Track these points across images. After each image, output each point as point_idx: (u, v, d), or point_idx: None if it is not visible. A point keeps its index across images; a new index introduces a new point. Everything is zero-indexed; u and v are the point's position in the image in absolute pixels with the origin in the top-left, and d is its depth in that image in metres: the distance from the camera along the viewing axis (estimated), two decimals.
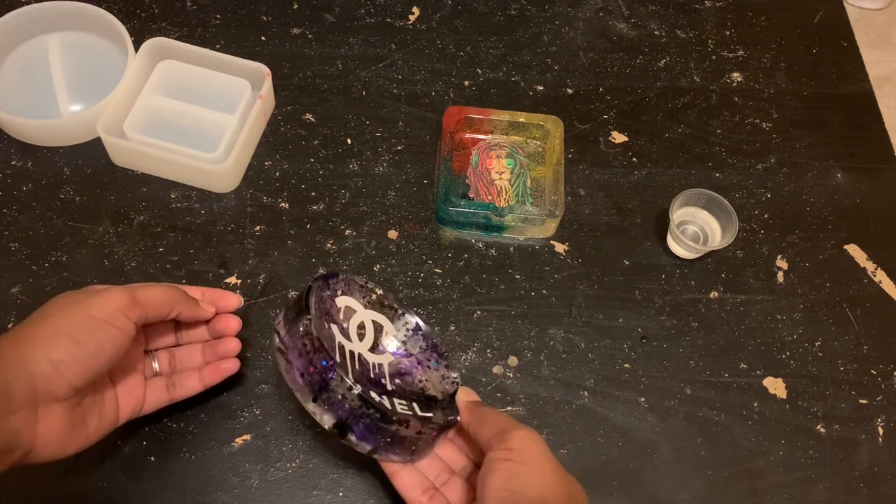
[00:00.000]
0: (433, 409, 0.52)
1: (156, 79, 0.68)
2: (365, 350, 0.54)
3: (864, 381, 0.64)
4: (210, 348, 0.55)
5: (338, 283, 0.54)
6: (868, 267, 0.69)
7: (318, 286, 0.52)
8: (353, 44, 0.77)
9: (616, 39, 0.80)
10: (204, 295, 0.54)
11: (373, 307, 0.56)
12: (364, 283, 0.56)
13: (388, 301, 0.57)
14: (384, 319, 0.56)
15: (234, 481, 0.56)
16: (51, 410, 0.44)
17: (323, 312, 0.52)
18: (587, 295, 0.66)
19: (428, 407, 0.52)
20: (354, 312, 0.55)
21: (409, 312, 0.57)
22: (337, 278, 0.54)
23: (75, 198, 0.66)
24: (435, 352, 0.56)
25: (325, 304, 0.53)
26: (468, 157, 0.70)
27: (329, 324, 0.53)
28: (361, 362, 0.53)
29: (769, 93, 0.78)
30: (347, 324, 0.54)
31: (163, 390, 0.53)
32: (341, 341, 0.53)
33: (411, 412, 0.50)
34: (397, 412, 0.48)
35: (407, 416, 0.48)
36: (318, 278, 0.52)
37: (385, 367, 0.54)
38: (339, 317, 0.54)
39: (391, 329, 0.56)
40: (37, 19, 0.71)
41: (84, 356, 0.44)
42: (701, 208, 0.69)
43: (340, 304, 0.54)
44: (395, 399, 0.51)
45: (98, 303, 0.46)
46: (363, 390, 0.47)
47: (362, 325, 0.55)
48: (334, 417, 0.47)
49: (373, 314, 0.56)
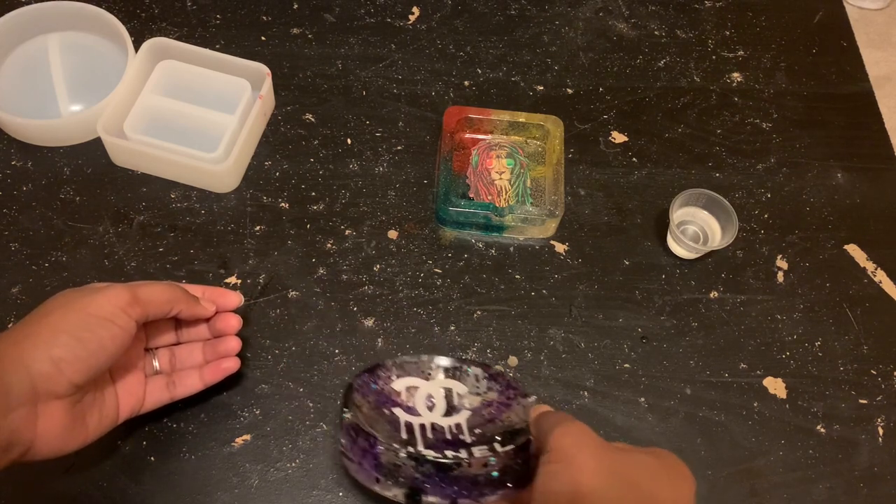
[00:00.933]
0: (518, 439, 0.50)
1: (156, 79, 0.68)
2: (438, 417, 0.54)
3: (864, 381, 0.64)
4: (210, 347, 0.55)
5: (389, 370, 0.56)
6: (868, 267, 0.69)
7: (362, 382, 0.54)
8: (353, 44, 0.77)
9: (616, 39, 0.80)
10: (204, 293, 0.54)
11: (436, 377, 0.57)
12: (418, 360, 0.57)
13: (448, 365, 0.57)
14: (452, 383, 0.57)
15: (234, 481, 0.56)
16: (51, 408, 0.44)
17: (379, 403, 0.54)
18: (587, 295, 0.66)
19: (513, 439, 0.50)
20: (418, 388, 0.56)
21: (471, 365, 0.57)
22: (385, 367, 0.56)
23: (75, 198, 0.66)
24: (509, 387, 0.56)
25: (381, 395, 0.54)
26: (468, 157, 0.70)
27: (390, 409, 0.54)
28: (435, 429, 0.53)
29: (769, 93, 0.78)
30: (413, 401, 0.55)
31: (163, 389, 0.53)
32: (408, 420, 0.53)
33: (490, 451, 0.49)
34: (474, 456, 0.48)
35: (482, 457, 0.47)
36: (358, 375, 0.54)
37: (463, 424, 0.54)
38: (402, 398, 0.55)
39: (461, 388, 0.56)
40: (37, 19, 0.71)
41: (84, 354, 0.44)
42: (701, 208, 0.69)
43: (399, 387, 0.56)
44: (475, 448, 0.51)
45: (98, 300, 0.46)
46: (413, 451, 0.48)
47: (430, 397, 0.56)
48: (402, 487, 0.47)
49: (438, 383, 0.56)
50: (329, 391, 0.60)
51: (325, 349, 0.61)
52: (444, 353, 0.56)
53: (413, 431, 0.53)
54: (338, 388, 0.60)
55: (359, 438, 0.49)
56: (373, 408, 0.53)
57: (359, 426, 0.49)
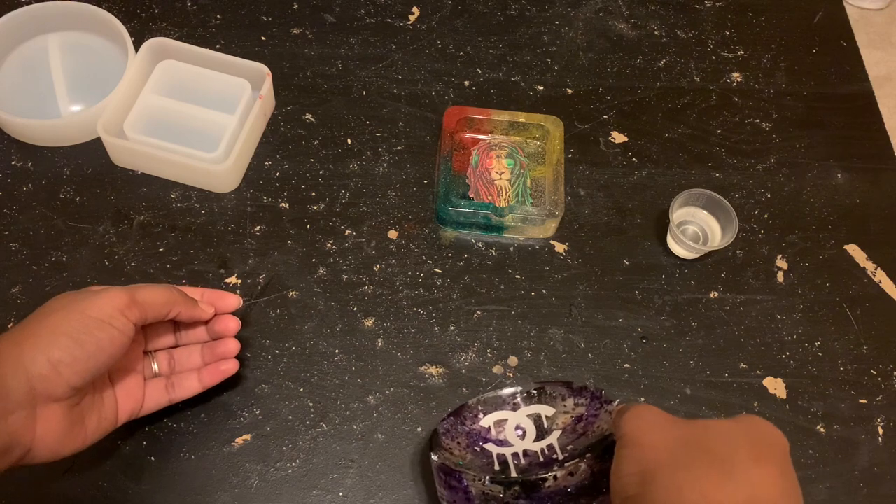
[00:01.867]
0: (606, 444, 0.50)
1: (156, 79, 0.68)
2: (530, 443, 0.55)
3: (864, 381, 0.64)
4: (209, 349, 0.55)
5: (475, 410, 0.57)
6: (868, 267, 0.69)
7: (448, 426, 0.55)
8: (353, 44, 0.77)
9: (616, 39, 0.80)
10: (203, 296, 0.54)
11: (521, 406, 0.57)
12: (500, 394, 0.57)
13: (532, 391, 0.57)
14: (538, 408, 0.57)
15: (234, 481, 0.56)
16: (49, 410, 0.44)
17: (471, 442, 0.55)
18: (587, 295, 0.66)
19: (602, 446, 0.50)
20: (506, 420, 0.56)
21: (553, 386, 0.57)
22: (469, 407, 0.57)
23: (75, 198, 0.66)
24: (594, 398, 0.55)
25: (471, 435, 0.55)
26: (468, 157, 0.70)
27: (481, 446, 0.55)
28: (527, 455, 0.54)
29: (769, 93, 0.78)
30: (503, 433, 0.56)
31: (162, 391, 0.53)
32: (500, 452, 0.54)
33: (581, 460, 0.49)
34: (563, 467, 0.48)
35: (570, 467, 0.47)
36: (443, 420, 0.55)
37: (555, 444, 0.55)
38: (492, 434, 0.56)
39: (549, 410, 0.57)
40: (37, 19, 0.71)
41: (83, 356, 0.44)
42: (701, 208, 0.69)
43: (487, 423, 0.56)
44: (567, 464, 0.50)
45: (97, 303, 0.46)
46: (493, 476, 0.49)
47: (519, 426, 0.56)
48: None
49: (525, 411, 0.57)
50: (329, 391, 0.60)
51: (325, 349, 0.61)
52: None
53: (506, 462, 0.54)
54: (338, 388, 0.60)
55: (448, 478, 0.50)
56: (464, 448, 0.54)
57: (446, 466, 0.50)
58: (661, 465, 0.40)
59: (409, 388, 0.60)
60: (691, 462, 0.39)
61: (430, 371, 0.61)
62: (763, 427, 0.41)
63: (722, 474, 0.38)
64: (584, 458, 0.48)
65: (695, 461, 0.39)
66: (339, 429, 0.58)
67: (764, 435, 0.41)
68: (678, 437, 0.41)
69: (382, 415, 0.59)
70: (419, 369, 0.61)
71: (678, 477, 0.39)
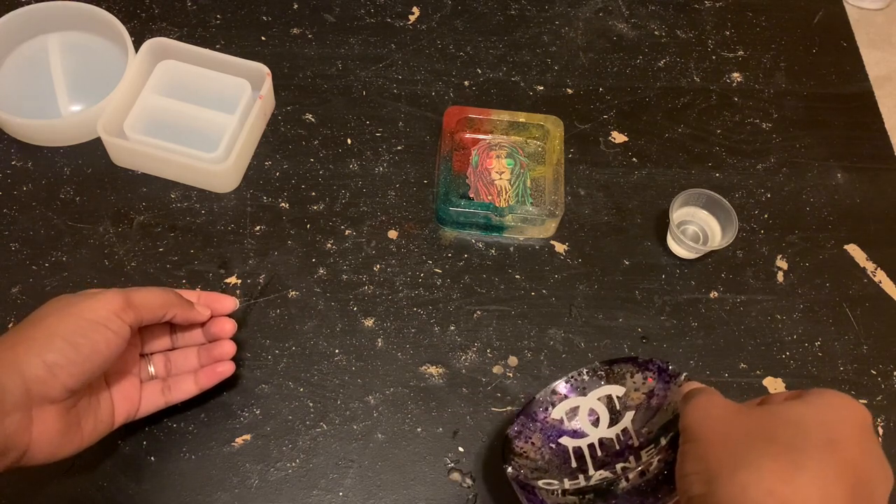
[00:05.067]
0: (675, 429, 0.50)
1: (156, 79, 0.68)
2: (604, 430, 0.54)
3: (864, 381, 0.64)
4: (205, 351, 0.55)
5: (543, 404, 0.55)
6: (868, 267, 0.69)
7: (520, 427, 0.54)
8: (353, 44, 0.77)
9: (616, 39, 0.80)
10: (199, 298, 0.54)
11: (590, 390, 0.56)
12: (568, 378, 0.56)
13: (599, 371, 0.55)
14: (609, 388, 0.55)
15: (234, 481, 0.56)
16: (45, 413, 0.44)
17: (546, 440, 0.54)
18: (587, 295, 0.66)
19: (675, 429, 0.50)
20: (577, 407, 0.55)
21: (619, 363, 0.55)
22: (538, 401, 0.56)
23: (75, 198, 0.66)
24: (662, 372, 0.53)
25: (545, 429, 0.54)
26: (468, 157, 0.70)
27: (556, 441, 0.54)
28: (603, 445, 0.53)
29: (769, 93, 0.78)
30: (577, 422, 0.54)
31: (158, 394, 0.53)
32: (575, 445, 0.53)
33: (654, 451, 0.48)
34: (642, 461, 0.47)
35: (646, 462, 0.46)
36: (512, 422, 0.54)
37: (629, 427, 0.53)
38: (565, 425, 0.54)
39: (619, 390, 0.55)
40: (37, 19, 0.71)
41: (79, 358, 0.44)
42: (701, 208, 0.69)
43: (559, 413, 0.55)
44: (643, 451, 0.50)
45: (93, 305, 0.46)
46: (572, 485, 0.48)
47: (592, 412, 0.54)
48: None
49: (595, 394, 0.55)
50: (329, 391, 0.60)
51: (325, 349, 0.61)
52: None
53: (583, 456, 0.52)
54: (338, 388, 0.60)
55: (524, 492, 0.49)
56: (538, 448, 0.53)
57: (519, 479, 0.50)
58: (723, 463, 0.37)
59: (409, 388, 0.60)
60: (756, 457, 0.36)
61: (430, 371, 0.61)
62: (836, 403, 0.38)
63: (790, 467, 0.35)
64: (657, 447, 0.47)
65: (760, 456, 0.36)
66: (339, 429, 0.58)
67: (838, 413, 0.38)
68: (741, 429, 0.38)
69: (382, 415, 0.59)
70: (419, 369, 0.61)
71: (741, 476, 0.36)
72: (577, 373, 0.56)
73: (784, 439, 0.36)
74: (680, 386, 0.50)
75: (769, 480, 0.35)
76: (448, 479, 0.57)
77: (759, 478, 0.35)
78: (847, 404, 0.38)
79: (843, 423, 0.37)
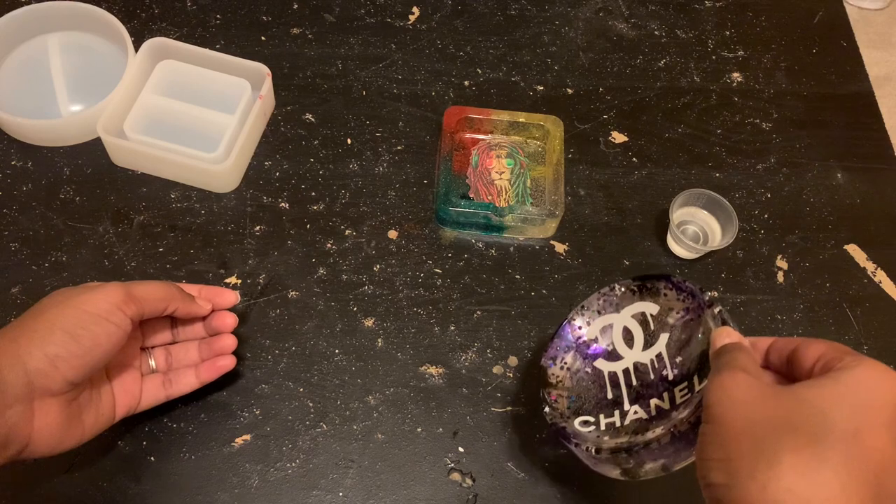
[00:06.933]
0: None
1: (156, 79, 0.68)
2: (638, 353, 0.52)
3: None
4: (206, 345, 0.55)
5: (577, 321, 0.54)
6: (868, 267, 0.69)
7: (553, 352, 0.54)
8: (353, 44, 0.77)
9: (616, 39, 0.80)
10: (200, 292, 0.54)
11: (624, 307, 0.54)
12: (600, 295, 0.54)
13: (632, 286, 0.53)
14: (643, 305, 0.53)
15: (234, 481, 0.56)
16: (46, 405, 0.44)
17: (582, 363, 0.53)
18: (587, 295, 0.65)
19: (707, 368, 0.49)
20: (612, 325, 0.54)
21: (653, 279, 0.53)
22: (571, 322, 0.55)
23: (75, 198, 0.66)
24: (693, 297, 0.51)
25: (579, 350, 0.53)
26: (468, 157, 0.70)
27: (591, 365, 0.53)
28: (638, 371, 0.51)
29: (769, 93, 0.78)
30: (611, 344, 0.53)
31: (159, 387, 0.53)
32: (611, 370, 0.52)
33: (690, 393, 0.47)
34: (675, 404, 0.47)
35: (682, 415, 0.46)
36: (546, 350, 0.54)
37: (664, 353, 0.51)
38: (599, 344, 0.53)
39: (653, 307, 0.52)
40: (37, 19, 0.71)
41: (80, 351, 0.44)
42: (701, 208, 0.69)
43: (594, 332, 0.54)
44: (676, 389, 0.49)
45: (94, 298, 0.46)
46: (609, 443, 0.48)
47: (626, 331, 0.53)
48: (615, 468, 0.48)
49: (629, 311, 0.53)
50: (329, 391, 0.60)
51: (325, 349, 0.61)
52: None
53: (618, 384, 0.51)
54: (338, 388, 0.60)
55: (560, 438, 0.50)
56: (574, 373, 0.52)
57: (557, 425, 0.50)
58: (744, 454, 0.35)
59: (409, 388, 0.60)
60: (777, 450, 0.34)
61: (430, 371, 0.61)
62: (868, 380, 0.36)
63: (813, 461, 0.33)
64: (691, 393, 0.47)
65: (781, 448, 0.34)
66: (339, 429, 0.58)
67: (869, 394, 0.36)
68: (764, 416, 0.36)
69: (382, 415, 0.59)
70: (419, 369, 0.61)
71: (761, 471, 0.34)
72: (609, 288, 0.54)
73: (807, 428, 0.34)
74: (715, 313, 0.48)
75: (789, 477, 0.33)
76: (448, 479, 0.57)
77: (778, 475, 0.33)
78: (879, 383, 0.36)
79: (872, 407, 0.35)
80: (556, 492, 0.57)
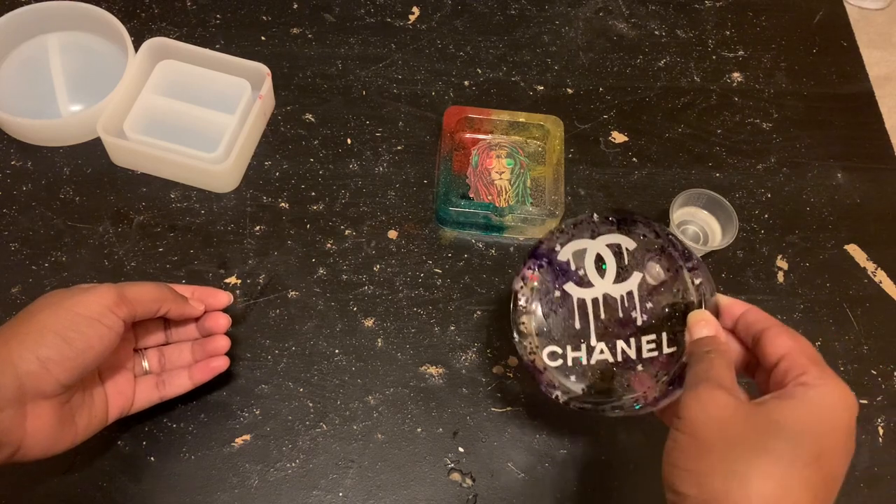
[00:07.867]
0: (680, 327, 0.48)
1: (156, 79, 0.68)
2: (609, 284, 0.52)
3: (864, 381, 0.64)
4: (199, 346, 0.55)
5: (553, 240, 0.53)
6: (868, 267, 0.69)
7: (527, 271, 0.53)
8: (353, 44, 0.77)
9: (616, 39, 0.80)
10: (193, 293, 0.54)
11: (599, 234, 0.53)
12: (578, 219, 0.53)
13: (611, 218, 0.52)
14: (619, 237, 0.52)
15: (234, 481, 0.56)
16: (39, 408, 0.44)
17: (552, 286, 0.53)
18: None
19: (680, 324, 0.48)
20: (585, 251, 0.52)
21: (636, 218, 0.52)
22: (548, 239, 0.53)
23: (75, 198, 0.66)
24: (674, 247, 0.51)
25: (551, 271, 0.52)
26: (468, 157, 0.70)
27: (561, 288, 0.52)
28: (607, 304, 0.51)
29: (769, 93, 0.78)
30: (583, 269, 0.52)
31: (152, 388, 0.53)
32: (580, 297, 0.52)
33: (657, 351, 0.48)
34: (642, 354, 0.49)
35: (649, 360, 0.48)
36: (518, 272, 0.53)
37: (635, 292, 0.51)
38: (571, 269, 0.52)
39: (630, 243, 0.52)
40: (37, 19, 0.71)
41: (72, 353, 0.44)
42: (701, 208, 0.69)
43: (566, 255, 0.52)
44: (644, 338, 0.49)
45: (86, 300, 0.46)
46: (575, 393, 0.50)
47: (599, 258, 0.52)
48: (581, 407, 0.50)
49: (603, 239, 0.52)
50: (329, 391, 0.60)
51: (325, 349, 0.61)
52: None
53: (587, 315, 0.51)
54: (338, 388, 0.60)
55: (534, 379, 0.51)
56: (544, 294, 0.52)
57: (524, 360, 0.51)
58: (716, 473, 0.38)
59: (409, 389, 0.60)
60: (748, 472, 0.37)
61: (430, 371, 0.61)
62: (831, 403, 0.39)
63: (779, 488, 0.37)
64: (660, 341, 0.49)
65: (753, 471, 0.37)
66: (339, 429, 0.58)
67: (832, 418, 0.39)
68: (740, 435, 0.38)
69: (382, 415, 0.59)
70: (419, 369, 0.61)
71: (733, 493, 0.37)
72: (587, 214, 0.53)
73: (778, 454, 0.37)
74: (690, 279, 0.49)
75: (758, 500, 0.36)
76: (448, 479, 0.57)
77: (748, 494, 0.37)
78: (840, 404, 0.39)
79: (834, 429, 0.39)
80: (556, 492, 0.57)
